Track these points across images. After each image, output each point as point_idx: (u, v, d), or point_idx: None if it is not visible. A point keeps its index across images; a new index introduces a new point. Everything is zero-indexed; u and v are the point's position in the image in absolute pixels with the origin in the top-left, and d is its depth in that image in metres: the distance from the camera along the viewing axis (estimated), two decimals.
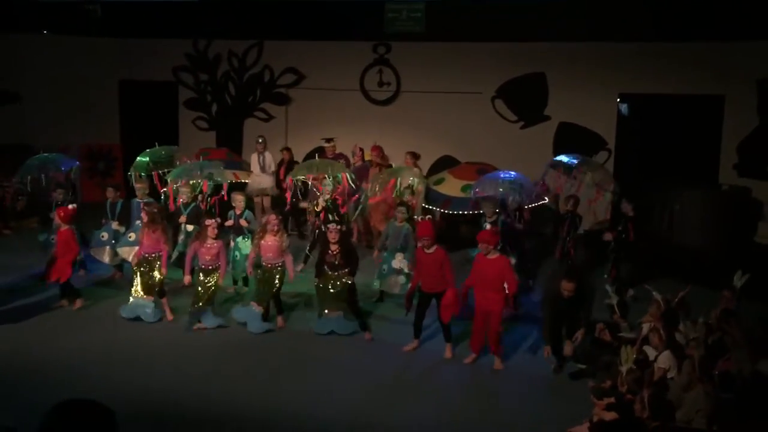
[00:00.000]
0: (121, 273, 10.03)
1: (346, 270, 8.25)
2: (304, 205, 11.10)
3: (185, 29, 14.29)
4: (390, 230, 9.30)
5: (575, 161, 10.32)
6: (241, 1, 13.71)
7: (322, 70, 14.13)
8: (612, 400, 5.83)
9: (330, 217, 9.32)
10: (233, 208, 9.58)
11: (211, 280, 8.37)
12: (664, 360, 6.59)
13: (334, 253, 8.22)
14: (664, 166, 12.24)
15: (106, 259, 9.84)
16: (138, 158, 10.28)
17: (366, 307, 8.91)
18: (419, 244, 7.96)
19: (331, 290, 8.25)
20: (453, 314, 7.64)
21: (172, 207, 9.67)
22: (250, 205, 10.60)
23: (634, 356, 6.43)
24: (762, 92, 11.95)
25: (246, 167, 12.65)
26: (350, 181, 10.06)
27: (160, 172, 10.20)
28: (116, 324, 8.54)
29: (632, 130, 12.95)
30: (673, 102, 12.49)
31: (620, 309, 7.74)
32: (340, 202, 9.98)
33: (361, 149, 12.08)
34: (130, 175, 10.07)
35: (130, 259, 9.33)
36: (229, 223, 9.49)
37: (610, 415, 5.76)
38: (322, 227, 9.19)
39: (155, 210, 8.73)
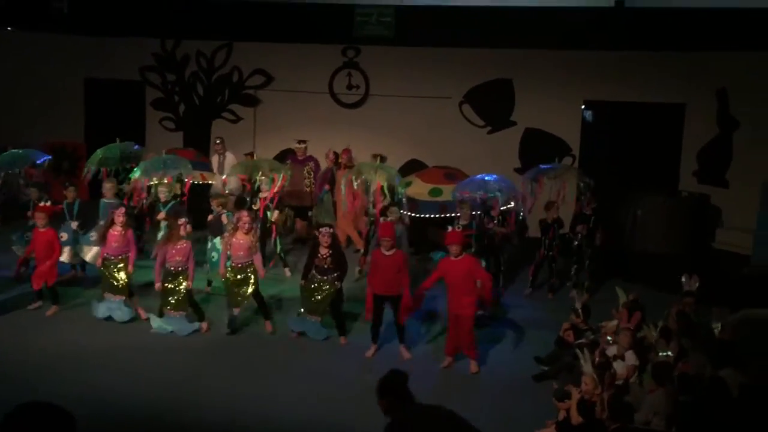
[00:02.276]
0: (81, 272, 10.00)
1: (335, 275, 8.17)
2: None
3: (153, 28, 14.16)
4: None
5: (553, 167, 10.42)
6: (210, 2, 13.63)
7: (292, 72, 14.11)
8: (577, 395, 5.97)
9: (269, 215, 9.49)
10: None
11: (181, 283, 8.31)
12: (631, 357, 6.75)
13: (325, 257, 8.12)
14: (626, 172, 12.50)
15: (66, 258, 9.73)
16: (95, 152, 10.38)
17: (348, 309, 8.83)
18: (380, 246, 7.89)
19: (318, 296, 8.16)
20: (409, 315, 7.75)
21: (135, 201, 9.69)
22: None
23: (596, 359, 6.58)
24: (721, 102, 12.27)
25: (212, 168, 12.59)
26: (287, 181, 10.12)
27: (109, 168, 10.22)
28: (81, 324, 8.48)
29: (596, 137, 13.20)
30: (636, 109, 12.77)
31: (583, 312, 7.89)
32: (276, 200, 10.07)
33: (335, 153, 12.10)
34: (86, 170, 10.14)
35: (89, 258, 9.28)
36: (211, 218, 9.57)
37: (578, 420, 5.89)
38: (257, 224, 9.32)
39: (127, 214, 8.68)
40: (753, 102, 11.82)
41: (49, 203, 9.05)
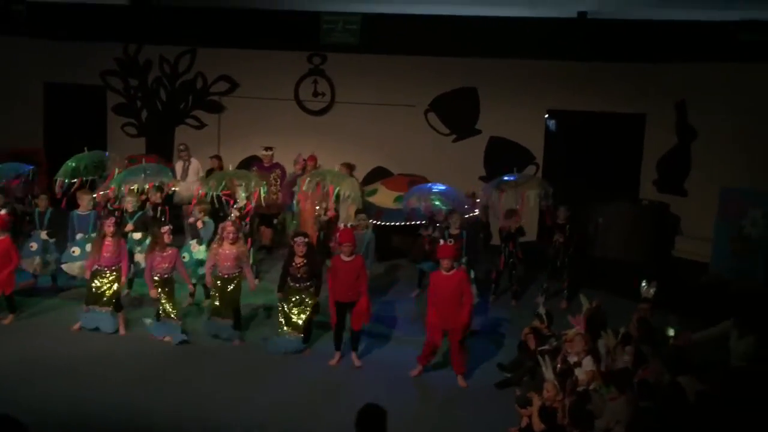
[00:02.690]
0: (53, 283, 9.76)
1: (309, 284, 8.05)
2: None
3: (115, 33, 13.97)
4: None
5: (514, 178, 10.44)
6: (173, 7, 13.50)
7: (257, 79, 14.04)
8: (539, 401, 6.02)
9: (243, 224, 9.47)
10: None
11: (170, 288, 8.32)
12: (589, 363, 6.81)
13: (298, 266, 7.99)
14: (588, 180, 12.68)
15: (35, 269, 9.50)
16: (66, 163, 10.02)
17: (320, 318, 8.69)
18: (340, 252, 7.84)
19: (294, 309, 8.04)
20: (364, 323, 7.75)
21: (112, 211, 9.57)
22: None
23: (558, 365, 6.64)
24: (679, 113, 12.53)
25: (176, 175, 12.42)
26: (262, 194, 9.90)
27: (84, 179, 9.96)
28: (41, 333, 8.33)
29: (559, 145, 13.37)
30: (598, 119, 12.97)
31: (547, 318, 7.95)
32: (247, 210, 9.92)
33: (305, 159, 12.02)
34: (55, 181, 9.81)
35: (76, 272, 9.12)
36: (192, 220, 9.48)
37: (540, 426, 5.94)
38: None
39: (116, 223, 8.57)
40: (710, 113, 12.08)
41: (4, 212, 8.84)
